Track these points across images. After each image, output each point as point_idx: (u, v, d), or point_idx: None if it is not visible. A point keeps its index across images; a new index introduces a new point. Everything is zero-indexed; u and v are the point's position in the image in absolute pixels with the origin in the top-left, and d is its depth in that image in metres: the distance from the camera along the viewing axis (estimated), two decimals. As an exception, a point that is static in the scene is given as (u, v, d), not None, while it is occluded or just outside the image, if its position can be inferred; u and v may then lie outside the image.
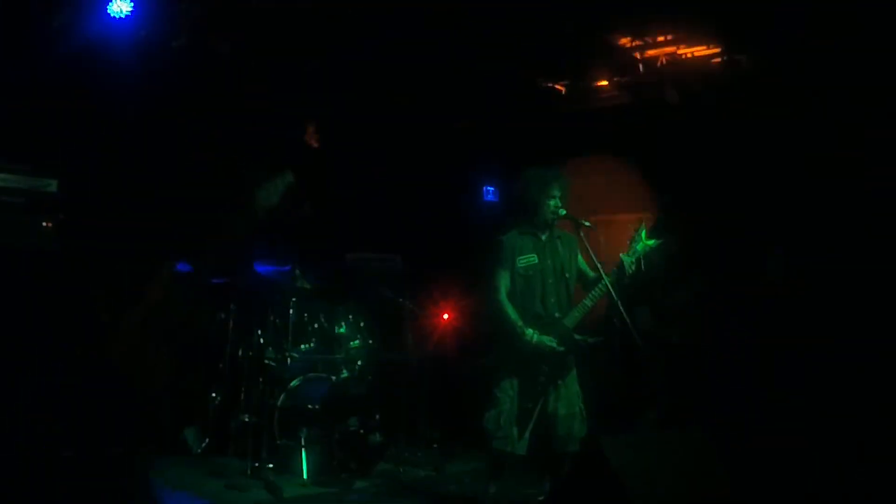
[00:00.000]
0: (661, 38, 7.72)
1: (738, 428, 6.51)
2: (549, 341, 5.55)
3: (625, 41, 7.83)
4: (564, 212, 5.68)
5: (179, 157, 7.46)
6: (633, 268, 5.60)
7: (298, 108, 8.25)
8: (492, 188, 9.77)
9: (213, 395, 7.34)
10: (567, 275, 5.80)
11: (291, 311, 7.05)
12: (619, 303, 5.37)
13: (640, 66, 8.09)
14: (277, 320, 7.14)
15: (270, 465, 6.54)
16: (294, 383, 6.90)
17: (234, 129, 7.77)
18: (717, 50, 7.68)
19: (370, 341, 7.41)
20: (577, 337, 5.60)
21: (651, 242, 5.65)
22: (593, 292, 5.59)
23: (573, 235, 5.85)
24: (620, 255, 5.61)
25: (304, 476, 6.43)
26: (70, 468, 4.82)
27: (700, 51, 7.77)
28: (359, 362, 7.27)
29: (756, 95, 7.59)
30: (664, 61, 7.94)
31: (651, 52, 7.94)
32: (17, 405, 5.55)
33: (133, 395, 4.80)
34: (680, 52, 7.82)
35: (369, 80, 8.19)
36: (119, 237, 6.49)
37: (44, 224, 5.94)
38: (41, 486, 5.00)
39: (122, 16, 6.78)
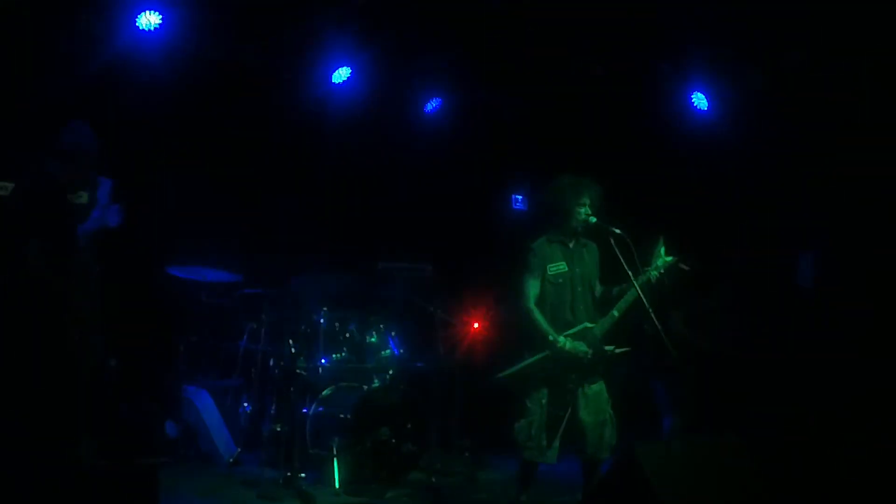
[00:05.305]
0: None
1: (772, 435, 6.46)
2: (581, 346, 5.55)
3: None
4: (595, 219, 5.67)
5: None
6: (655, 281, 5.59)
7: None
8: (521, 196, 9.76)
9: (245, 404, 7.39)
10: (592, 283, 5.81)
11: (322, 321, 7.06)
12: (650, 310, 5.34)
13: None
14: (308, 329, 7.17)
15: (303, 475, 6.54)
16: (325, 392, 6.91)
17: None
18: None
19: (401, 350, 7.42)
20: (605, 348, 5.60)
21: (670, 259, 5.64)
22: (620, 303, 5.58)
23: (595, 244, 5.85)
24: (644, 268, 5.59)
25: (336, 485, 6.42)
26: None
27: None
28: (390, 371, 7.28)
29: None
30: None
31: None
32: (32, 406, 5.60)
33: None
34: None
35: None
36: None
37: None
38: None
39: (152, 28, 6.91)
